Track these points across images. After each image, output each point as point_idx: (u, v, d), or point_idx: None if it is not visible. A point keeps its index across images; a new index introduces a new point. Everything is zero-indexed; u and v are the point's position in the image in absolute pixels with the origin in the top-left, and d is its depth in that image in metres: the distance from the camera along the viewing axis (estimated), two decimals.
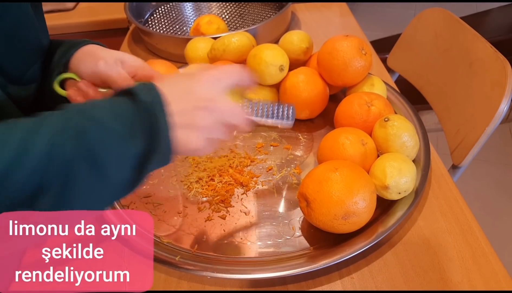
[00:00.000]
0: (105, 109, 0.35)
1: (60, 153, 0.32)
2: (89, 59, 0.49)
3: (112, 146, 0.34)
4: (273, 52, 0.67)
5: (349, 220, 0.48)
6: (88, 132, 0.33)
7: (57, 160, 0.31)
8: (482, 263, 0.49)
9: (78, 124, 0.33)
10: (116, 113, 0.35)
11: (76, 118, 0.34)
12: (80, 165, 0.32)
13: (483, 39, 0.78)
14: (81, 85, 0.48)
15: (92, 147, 0.33)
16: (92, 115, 0.34)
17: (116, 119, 0.35)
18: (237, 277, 0.48)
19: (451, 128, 0.80)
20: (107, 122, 0.34)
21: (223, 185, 0.61)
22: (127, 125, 0.35)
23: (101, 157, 0.33)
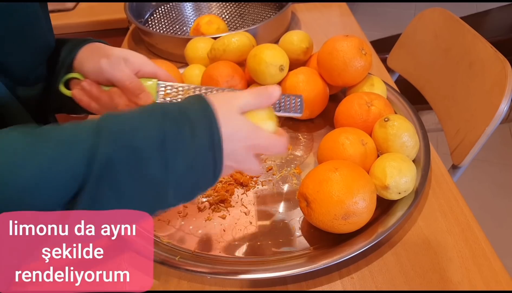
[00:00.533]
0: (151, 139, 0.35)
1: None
2: (92, 58, 0.49)
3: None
4: (273, 52, 0.67)
5: (349, 220, 0.48)
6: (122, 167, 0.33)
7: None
8: (482, 263, 0.49)
9: (116, 156, 0.33)
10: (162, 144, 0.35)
11: (121, 146, 0.33)
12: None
13: (483, 39, 0.78)
14: (84, 85, 0.48)
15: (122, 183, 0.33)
16: (140, 147, 0.34)
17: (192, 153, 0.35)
18: (237, 277, 0.48)
19: (451, 128, 0.80)
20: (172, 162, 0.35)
21: (223, 185, 0.61)
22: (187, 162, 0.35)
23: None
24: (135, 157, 0.33)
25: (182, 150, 0.35)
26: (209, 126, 0.37)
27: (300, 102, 0.49)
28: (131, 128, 0.34)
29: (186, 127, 0.36)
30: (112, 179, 0.33)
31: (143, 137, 0.34)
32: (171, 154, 0.34)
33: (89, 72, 0.49)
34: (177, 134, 0.35)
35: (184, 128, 0.36)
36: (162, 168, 0.34)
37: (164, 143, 0.34)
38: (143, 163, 0.34)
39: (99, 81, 0.49)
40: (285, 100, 0.49)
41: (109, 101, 0.49)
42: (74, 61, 0.50)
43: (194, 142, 0.36)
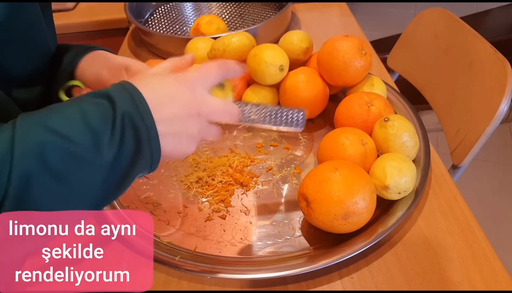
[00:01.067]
0: (74, 121, 0.33)
1: (18, 166, 0.30)
2: (94, 66, 0.49)
3: (75, 159, 0.32)
4: (273, 52, 0.67)
5: (349, 220, 0.48)
6: (50, 148, 0.32)
7: (14, 171, 0.30)
8: (482, 263, 0.49)
9: (41, 139, 0.32)
10: (86, 126, 0.33)
11: (40, 131, 0.32)
12: (41, 182, 0.31)
13: (483, 39, 0.78)
14: (85, 93, 0.48)
15: (54, 163, 0.31)
16: (58, 128, 0.32)
17: (86, 133, 0.33)
18: (237, 277, 0.48)
19: (451, 128, 0.80)
20: (72, 137, 0.32)
21: (223, 185, 0.61)
22: (98, 138, 0.33)
23: (65, 173, 0.32)
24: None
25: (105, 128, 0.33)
26: (130, 97, 0.35)
27: (302, 117, 0.48)
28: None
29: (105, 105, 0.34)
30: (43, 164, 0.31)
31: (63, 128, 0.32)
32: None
33: (90, 81, 0.49)
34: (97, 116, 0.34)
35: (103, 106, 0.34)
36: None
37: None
38: (73, 145, 0.32)
39: None
40: (287, 114, 0.48)
41: None
42: (76, 69, 0.50)
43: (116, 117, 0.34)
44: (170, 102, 0.37)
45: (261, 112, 0.47)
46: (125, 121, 0.34)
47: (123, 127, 0.34)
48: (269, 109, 0.47)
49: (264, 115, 0.47)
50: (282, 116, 0.47)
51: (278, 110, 0.47)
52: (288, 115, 0.48)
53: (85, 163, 0.33)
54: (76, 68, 0.50)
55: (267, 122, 0.47)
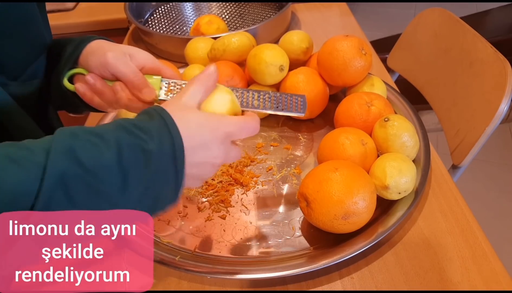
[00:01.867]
0: (110, 159, 0.34)
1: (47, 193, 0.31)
2: (98, 52, 0.49)
3: (100, 195, 0.33)
4: (273, 52, 0.67)
5: (349, 220, 0.48)
6: (77, 185, 0.32)
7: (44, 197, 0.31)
8: (482, 263, 0.49)
9: (68, 172, 0.32)
10: (119, 165, 0.34)
11: (69, 163, 0.32)
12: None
13: (483, 39, 0.78)
14: (88, 78, 0.48)
15: (79, 199, 0.32)
16: (88, 164, 0.33)
17: (117, 173, 0.34)
18: (237, 277, 0.48)
19: (451, 128, 0.80)
20: (102, 176, 0.33)
21: (223, 185, 0.61)
22: (127, 176, 0.34)
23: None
24: (89, 176, 0.33)
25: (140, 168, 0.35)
26: (169, 138, 0.37)
27: (302, 102, 0.48)
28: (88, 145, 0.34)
29: (146, 144, 0.36)
30: (66, 194, 0.32)
31: (98, 157, 0.33)
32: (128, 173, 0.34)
33: (94, 67, 0.49)
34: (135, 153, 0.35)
35: (143, 145, 0.35)
36: (118, 188, 0.34)
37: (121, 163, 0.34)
38: (98, 182, 0.33)
39: (104, 76, 0.49)
40: (287, 99, 0.49)
41: (111, 96, 0.48)
42: (80, 57, 0.50)
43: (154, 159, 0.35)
44: (202, 151, 0.39)
45: (263, 98, 0.48)
46: (157, 164, 0.35)
47: (157, 169, 0.35)
48: (270, 95, 0.48)
49: (265, 101, 0.48)
50: (283, 101, 0.48)
51: (279, 96, 0.48)
52: (289, 100, 0.48)
53: (109, 200, 0.34)
54: (79, 56, 0.50)
55: (269, 108, 0.47)
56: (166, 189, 0.37)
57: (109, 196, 0.34)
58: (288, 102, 0.48)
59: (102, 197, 0.34)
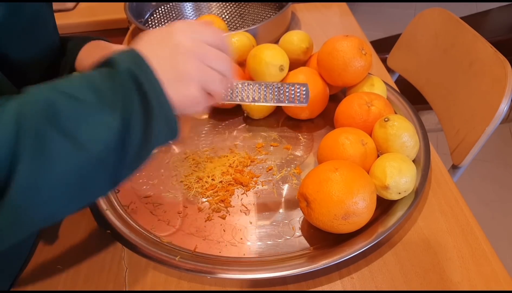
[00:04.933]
0: (78, 82, 0.33)
1: (28, 125, 0.30)
2: (92, 56, 0.49)
3: (83, 116, 0.31)
4: (273, 52, 0.67)
5: (349, 220, 0.48)
6: (58, 105, 0.31)
7: (26, 131, 0.29)
8: (482, 263, 0.49)
9: (48, 97, 0.31)
10: (90, 86, 0.33)
11: (46, 92, 0.32)
12: (51, 136, 0.30)
13: (483, 39, 0.78)
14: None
15: (62, 118, 0.31)
16: (63, 88, 0.32)
17: (90, 91, 0.32)
18: (237, 277, 0.48)
19: (451, 128, 0.80)
20: (78, 95, 0.32)
21: (223, 185, 0.61)
22: (103, 96, 0.32)
23: (73, 127, 0.31)
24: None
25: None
26: (129, 56, 0.35)
27: (305, 91, 0.46)
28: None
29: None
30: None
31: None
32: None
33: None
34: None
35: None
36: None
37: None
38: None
39: None
40: (289, 89, 0.47)
41: None
42: (76, 61, 0.50)
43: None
44: (163, 47, 0.36)
45: (264, 90, 0.46)
46: (128, 79, 0.33)
47: (130, 86, 0.33)
48: (271, 87, 0.46)
49: (267, 93, 0.46)
50: (285, 92, 0.46)
51: (281, 87, 0.46)
52: (291, 91, 0.47)
53: (94, 120, 0.32)
54: (75, 61, 0.50)
55: (270, 100, 0.46)
56: (147, 95, 0.34)
57: (92, 115, 0.32)
58: (290, 93, 0.46)
59: (87, 117, 0.32)
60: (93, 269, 0.52)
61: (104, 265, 0.53)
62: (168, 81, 0.35)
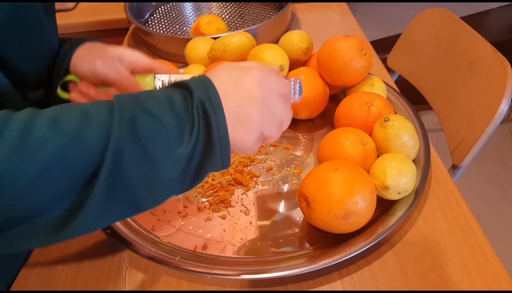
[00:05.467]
0: (159, 101, 0.34)
1: (114, 140, 0.31)
2: (86, 59, 0.49)
3: (162, 137, 0.33)
4: (273, 52, 0.67)
5: (349, 220, 0.48)
6: (140, 122, 0.32)
7: (110, 147, 0.31)
8: (482, 263, 0.49)
9: (131, 112, 0.32)
10: (170, 107, 0.34)
11: (130, 106, 0.33)
12: (131, 152, 0.32)
13: (483, 39, 0.78)
14: (81, 87, 0.48)
15: (143, 136, 0.32)
16: (145, 105, 0.33)
17: (170, 113, 0.34)
18: (237, 277, 0.48)
19: (451, 128, 0.80)
20: (159, 115, 0.33)
21: (223, 185, 0.61)
22: (179, 121, 0.34)
23: (152, 147, 0.32)
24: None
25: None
26: (204, 88, 0.36)
27: (299, 85, 0.47)
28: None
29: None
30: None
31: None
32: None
33: (85, 74, 0.49)
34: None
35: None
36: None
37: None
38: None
39: (95, 83, 0.49)
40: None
41: None
42: (70, 64, 0.50)
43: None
44: (237, 91, 0.37)
45: None
46: (199, 109, 0.35)
47: (199, 116, 0.34)
48: None
49: None
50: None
51: None
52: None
53: (170, 145, 0.33)
54: (70, 63, 0.50)
55: None
56: (211, 129, 0.35)
57: (170, 140, 0.33)
58: None
59: (164, 140, 0.33)
60: (93, 269, 0.52)
61: (104, 265, 0.53)
62: (231, 123, 0.36)
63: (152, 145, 0.32)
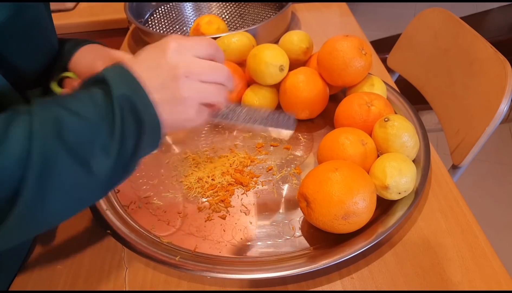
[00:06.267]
0: (81, 100, 0.34)
1: (39, 143, 0.31)
2: (88, 58, 0.49)
3: (87, 135, 0.33)
4: (273, 52, 0.67)
5: (349, 220, 0.48)
6: (65, 122, 0.32)
7: (36, 149, 0.30)
8: (482, 263, 0.49)
9: (56, 114, 0.32)
10: (93, 103, 0.34)
11: (54, 108, 0.33)
12: (59, 155, 0.31)
13: (483, 39, 0.78)
14: (76, 85, 0.48)
15: (70, 137, 0.32)
16: (69, 105, 0.33)
17: (92, 108, 0.34)
18: (237, 277, 0.48)
19: (451, 128, 0.80)
20: (82, 112, 0.33)
21: (223, 185, 0.61)
22: (103, 114, 0.34)
23: (80, 146, 0.32)
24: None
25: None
26: (122, 76, 0.36)
27: (292, 121, 0.51)
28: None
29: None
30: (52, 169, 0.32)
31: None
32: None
33: (83, 72, 0.49)
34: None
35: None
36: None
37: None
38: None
39: None
40: (277, 116, 0.51)
41: None
42: (70, 62, 0.50)
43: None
44: (158, 70, 0.37)
45: (251, 114, 0.49)
46: (123, 105, 0.34)
47: (123, 111, 0.34)
48: (260, 112, 0.49)
49: (255, 116, 0.49)
50: (273, 119, 0.50)
51: (269, 114, 0.49)
52: (278, 118, 0.50)
53: (102, 141, 0.33)
54: (69, 61, 0.50)
55: (258, 123, 0.48)
56: (141, 118, 0.35)
57: (96, 139, 0.33)
58: (276, 120, 0.50)
59: (91, 140, 0.33)
60: (93, 269, 0.52)
61: (104, 265, 0.53)
62: (164, 103, 0.36)
63: (82, 148, 0.32)
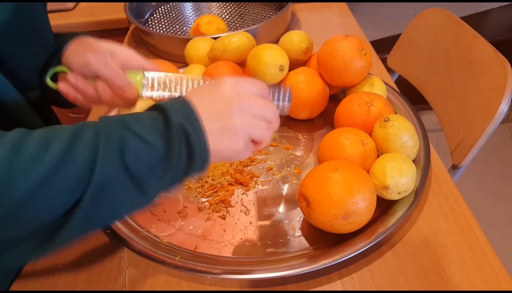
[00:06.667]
0: (144, 124, 0.36)
1: (103, 157, 0.33)
2: (79, 52, 0.49)
3: (147, 158, 0.35)
4: (273, 52, 0.67)
5: (349, 220, 0.48)
6: (127, 142, 0.34)
7: (100, 163, 0.32)
8: (482, 263, 0.49)
9: (120, 134, 0.34)
10: (156, 129, 0.36)
11: (119, 127, 0.35)
12: (119, 173, 0.33)
13: (483, 39, 0.78)
14: (70, 78, 0.48)
15: (131, 157, 0.34)
16: (134, 127, 0.35)
17: (155, 134, 0.36)
18: (237, 277, 0.48)
19: (451, 128, 0.80)
20: (145, 135, 0.35)
21: (223, 185, 0.61)
22: (163, 141, 0.36)
23: (139, 169, 0.34)
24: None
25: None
26: (181, 106, 0.38)
27: (289, 92, 0.50)
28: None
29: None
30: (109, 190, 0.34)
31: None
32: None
33: (76, 66, 0.49)
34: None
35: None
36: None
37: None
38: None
39: (85, 75, 0.49)
40: (273, 91, 0.50)
41: (94, 94, 0.49)
42: (63, 57, 0.50)
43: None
44: (214, 102, 0.39)
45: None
46: (180, 132, 0.36)
47: (180, 139, 0.36)
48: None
49: None
50: (271, 93, 0.50)
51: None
52: (275, 93, 0.50)
53: (159, 166, 0.36)
54: (62, 55, 0.50)
55: None
56: (193, 145, 0.37)
57: (157, 162, 0.36)
58: (273, 95, 0.50)
59: (152, 163, 0.36)
60: (93, 269, 0.52)
61: (104, 265, 0.53)
62: (216, 132, 0.38)
63: (140, 170, 0.34)
